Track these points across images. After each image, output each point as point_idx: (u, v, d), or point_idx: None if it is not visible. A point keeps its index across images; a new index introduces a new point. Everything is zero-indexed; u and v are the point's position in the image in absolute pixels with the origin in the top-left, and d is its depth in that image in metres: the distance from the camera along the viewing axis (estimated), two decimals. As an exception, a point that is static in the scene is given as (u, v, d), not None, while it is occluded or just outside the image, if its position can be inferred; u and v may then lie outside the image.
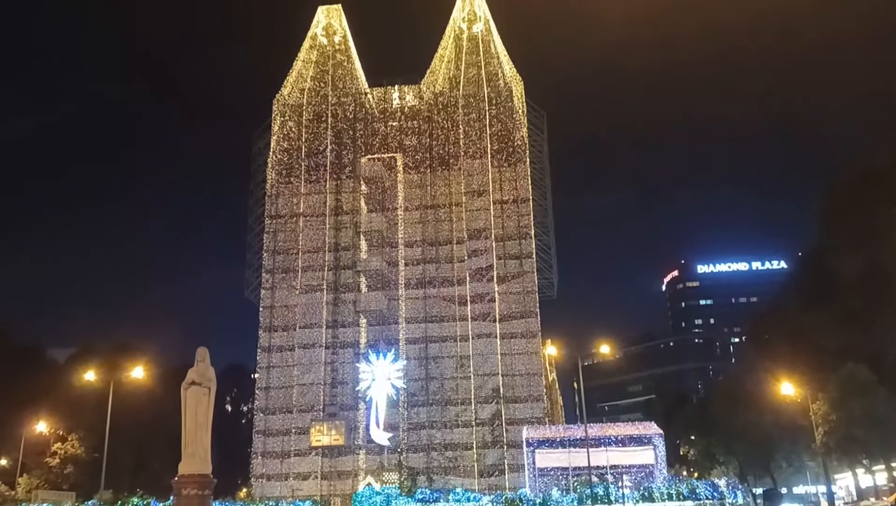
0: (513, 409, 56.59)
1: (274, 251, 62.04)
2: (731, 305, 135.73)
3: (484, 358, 57.92)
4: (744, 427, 51.72)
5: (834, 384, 43.41)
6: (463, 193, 61.58)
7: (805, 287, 49.93)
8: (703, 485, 44.32)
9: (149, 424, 55.73)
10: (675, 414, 71.48)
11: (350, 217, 62.60)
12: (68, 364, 61.74)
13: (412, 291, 60.43)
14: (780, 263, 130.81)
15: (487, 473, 55.16)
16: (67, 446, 56.24)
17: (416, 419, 57.29)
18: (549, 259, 61.70)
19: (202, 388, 29.89)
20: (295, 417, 57.69)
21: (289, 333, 59.90)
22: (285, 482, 55.35)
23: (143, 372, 47.16)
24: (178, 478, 29.01)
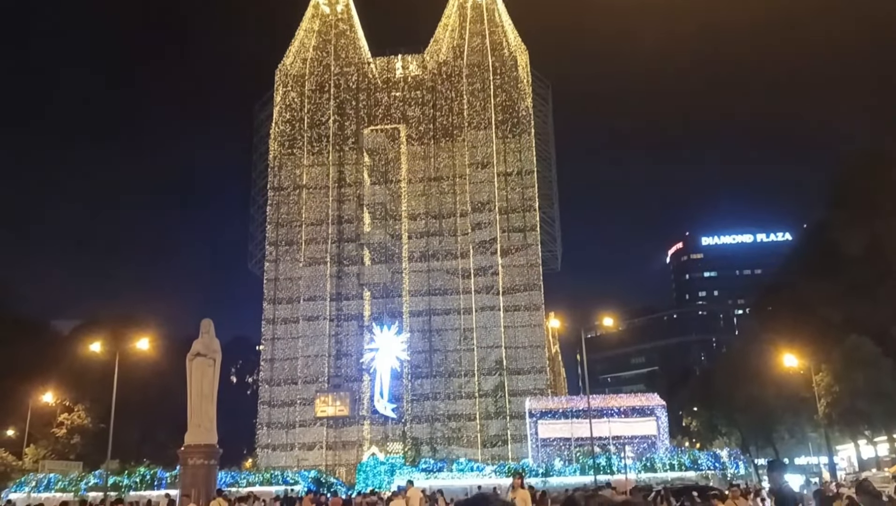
0: (516, 381, 56.84)
1: (277, 224, 61.91)
2: (735, 278, 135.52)
3: (487, 331, 58.04)
4: (746, 399, 51.91)
5: (838, 356, 43.43)
6: (467, 164, 61.16)
7: (810, 260, 49.75)
8: (705, 456, 44.70)
9: (154, 395, 56.18)
10: (678, 386, 71.83)
11: (353, 189, 62.33)
12: (72, 336, 62.09)
13: (416, 265, 60.37)
14: (785, 235, 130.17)
15: (490, 443, 55.58)
16: (74, 416, 56.78)
17: (419, 391, 57.61)
18: (553, 232, 61.50)
19: (207, 359, 30.09)
20: (300, 388, 58.04)
21: (293, 305, 60.01)
22: (290, 452, 55.86)
23: (148, 344, 47.36)
24: (184, 448, 29.31)
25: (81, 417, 56.69)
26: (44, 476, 43.98)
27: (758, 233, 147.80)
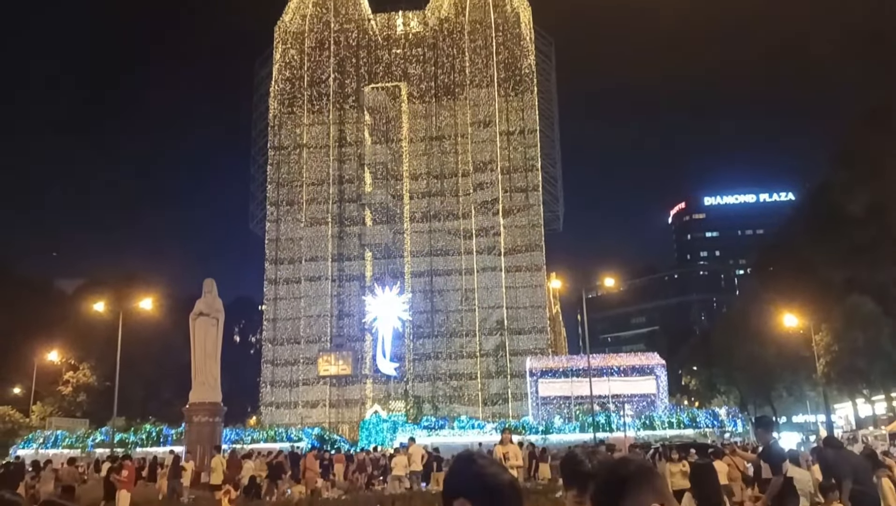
0: (517, 340, 57.20)
1: (278, 183, 61.63)
2: (737, 238, 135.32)
3: (489, 291, 58.18)
4: (746, 358, 52.29)
5: (838, 316, 43.59)
6: (469, 123, 60.55)
7: (812, 220, 49.56)
8: (703, 414, 45.21)
9: (159, 353, 56.66)
10: (678, 345, 72.28)
11: (354, 149, 61.86)
12: (76, 295, 62.37)
13: (417, 225, 60.23)
14: (788, 194, 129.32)
15: (491, 401, 56.20)
16: (79, 374, 57.37)
17: (421, 350, 58.03)
18: (555, 192, 61.23)
19: (210, 318, 30.23)
20: (302, 347, 58.48)
21: (294, 265, 60.10)
22: (294, 410, 56.55)
23: (152, 304, 47.58)
24: (188, 406, 29.63)
25: (87, 375, 57.29)
26: (51, 433, 44.63)
27: (761, 193, 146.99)
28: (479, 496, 2.35)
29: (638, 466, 2.27)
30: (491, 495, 2.36)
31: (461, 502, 2.37)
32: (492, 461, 2.49)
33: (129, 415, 50.43)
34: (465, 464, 2.48)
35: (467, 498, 2.36)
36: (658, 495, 2.18)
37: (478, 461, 2.46)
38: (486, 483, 2.37)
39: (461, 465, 2.49)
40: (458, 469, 2.48)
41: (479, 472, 2.40)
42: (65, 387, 56.80)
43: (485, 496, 2.35)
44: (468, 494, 2.37)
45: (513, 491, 2.40)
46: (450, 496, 2.42)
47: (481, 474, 2.39)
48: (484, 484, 2.37)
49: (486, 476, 2.38)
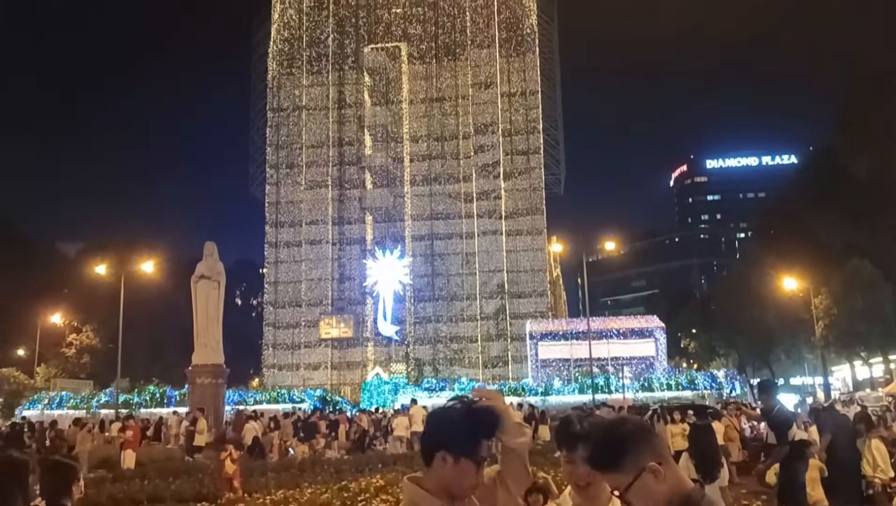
0: (517, 304, 57.43)
1: (277, 146, 61.23)
2: (738, 201, 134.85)
3: (489, 255, 58.21)
4: (746, 321, 52.51)
5: (838, 279, 43.67)
6: (469, 84, 59.86)
7: (814, 184, 49.33)
8: (702, 376, 45.58)
9: (161, 316, 56.94)
10: (678, 309, 72.54)
11: (353, 110, 61.29)
12: (78, 258, 62.44)
13: (418, 188, 59.98)
14: (791, 157, 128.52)
15: (492, 364, 56.66)
16: (82, 337, 57.75)
17: (422, 314, 58.29)
18: (556, 154, 60.81)
19: (211, 281, 30.32)
20: (304, 310, 58.75)
21: (295, 229, 60.05)
22: (296, 372, 57.06)
23: (153, 266, 47.64)
24: (191, 368, 29.89)
25: (90, 337, 57.68)
26: (56, 394, 45.09)
27: (763, 156, 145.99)
28: (460, 446, 2.35)
29: (635, 425, 2.26)
30: (471, 441, 2.36)
31: (442, 454, 2.36)
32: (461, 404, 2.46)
33: (133, 377, 50.92)
34: (437, 417, 2.47)
35: (448, 450, 2.36)
36: (655, 455, 2.18)
37: (450, 412, 2.44)
38: (464, 428, 2.36)
39: (435, 418, 2.48)
40: (433, 423, 2.47)
41: (455, 420, 2.39)
42: (68, 349, 57.23)
43: (466, 444, 2.35)
44: (448, 445, 2.36)
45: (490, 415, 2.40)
46: (429, 454, 2.40)
47: (458, 421, 2.38)
48: (462, 430, 2.36)
49: (462, 422, 2.38)
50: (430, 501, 2.35)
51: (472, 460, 2.35)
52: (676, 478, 2.20)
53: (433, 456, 2.38)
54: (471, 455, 2.36)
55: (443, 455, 2.36)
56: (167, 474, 16.41)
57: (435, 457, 2.38)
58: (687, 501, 2.14)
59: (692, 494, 2.17)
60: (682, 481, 2.22)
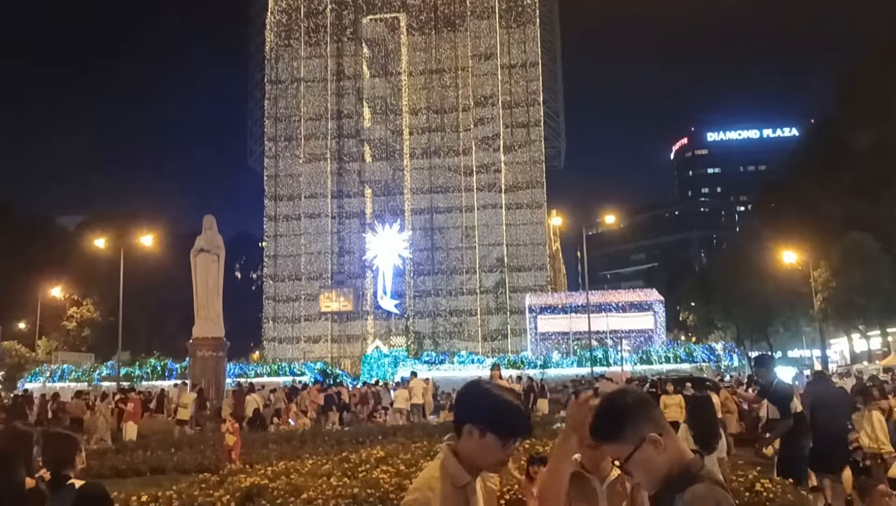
0: (516, 277, 57.53)
1: (275, 118, 60.84)
2: (739, 174, 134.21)
3: (489, 228, 58.16)
4: (744, 294, 52.62)
5: (837, 252, 43.66)
6: (469, 56, 59.30)
7: (814, 157, 49.12)
8: (700, 349, 45.81)
9: (161, 289, 57.03)
10: (677, 282, 72.68)
11: (352, 82, 60.79)
12: (78, 232, 62.33)
13: (417, 161, 59.71)
14: (792, 130, 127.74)
15: (491, 337, 56.91)
16: (83, 310, 57.88)
17: (422, 287, 58.41)
18: (557, 127, 60.48)
19: (211, 255, 30.33)
20: (304, 284, 58.86)
21: (294, 202, 59.90)
22: (297, 345, 57.34)
23: (153, 240, 47.62)
24: (192, 340, 30.02)
25: (91, 310, 57.82)
26: (57, 367, 45.33)
27: (764, 128, 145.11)
28: (488, 420, 2.36)
29: (636, 397, 2.26)
30: (501, 421, 2.37)
31: (469, 427, 2.38)
32: (499, 386, 2.51)
33: (134, 350, 51.15)
34: (473, 390, 2.49)
35: (475, 423, 2.37)
36: (656, 426, 2.18)
37: (485, 387, 2.47)
38: (493, 407, 2.38)
39: (469, 391, 2.51)
40: (467, 395, 2.50)
41: (486, 396, 2.41)
42: (69, 322, 57.40)
43: (493, 420, 2.36)
44: (476, 418, 2.38)
45: (520, 413, 2.41)
46: (459, 422, 2.44)
47: (489, 398, 2.40)
48: (491, 408, 2.38)
49: (493, 400, 2.40)
50: (461, 472, 2.40)
51: (497, 437, 2.37)
52: (676, 448, 2.21)
53: (462, 428, 2.42)
54: (497, 432, 2.37)
55: (470, 428, 2.38)
56: (169, 445, 16.56)
57: (463, 429, 2.41)
58: (686, 471, 2.15)
59: (692, 464, 2.18)
60: (683, 452, 2.23)
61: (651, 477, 2.16)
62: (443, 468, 2.43)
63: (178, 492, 8.35)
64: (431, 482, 2.40)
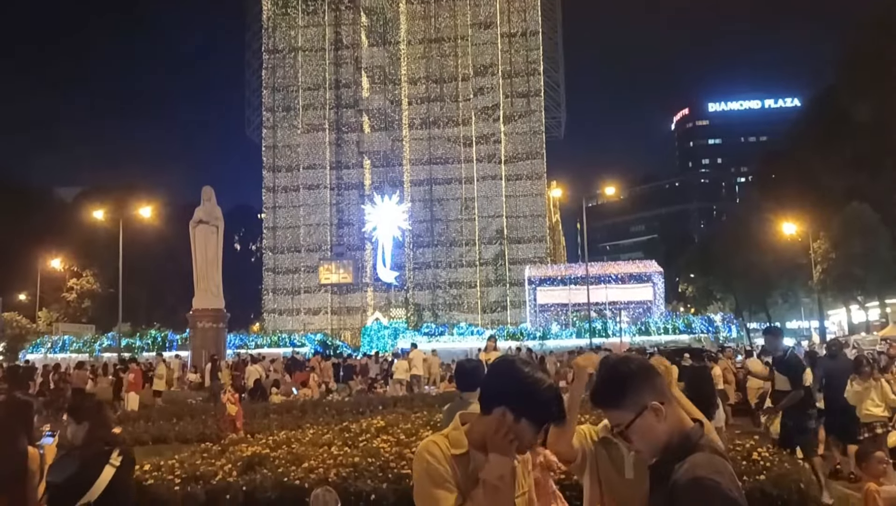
0: (516, 249, 57.55)
1: (273, 88, 60.32)
2: (739, 145, 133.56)
3: (489, 200, 58.03)
4: (744, 265, 52.68)
5: (837, 223, 43.63)
6: (469, 24, 58.62)
7: (816, 128, 48.82)
8: (699, 320, 46.01)
9: (161, 261, 57.11)
10: (676, 253, 72.68)
11: (350, 52, 60.16)
12: (76, 203, 62.21)
13: (416, 132, 59.35)
14: (794, 100, 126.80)
15: (490, 309, 57.11)
16: (83, 281, 57.98)
17: (421, 259, 58.45)
18: (557, 97, 60.01)
19: (210, 226, 30.34)
20: (303, 256, 58.89)
21: (293, 173, 59.67)
22: (296, 317, 57.56)
23: (152, 211, 47.57)
24: (192, 312, 30.17)
25: (90, 282, 57.92)
26: (58, 338, 45.56)
27: (766, 99, 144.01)
28: (523, 406, 2.25)
29: (639, 364, 2.25)
30: (535, 405, 2.26)
31: (502, 410, 2.27)
32: (534, 367, 2.37)
33: (135, 321, 51.35)
34: (505, 370, 2.35)
35: (509, 407, 2.26)
36: (657, 394, 2.18)
37: (521, 368, 2.32)
38: (530, 392, 2.26)
39: (501, 371, 2.37)
40: (500, 375, 2.36)
41: (523, 379, 2.29)
42: (69, 294, 57.54)
43: (529, 406, 2.25)
44: (511, 402, 2.26)
45: (558, 400, 2.30)
46: (489, 404, 2.31)
47: (526, 381, 2.28)
48: (528, 393, 2.26)
49: (530, 384, 2.27)
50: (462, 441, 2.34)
51: (532, 423, 2.27)
52: (677, 417, 2.21)
53: (492, 410, 2.30)
54: (533, 419, 2.27)
55: (503, 411, 2.27)
56: (170, 415, 16.68)
57: (494, 410, 2.29)
58: (686, 440, 2.15)
59: (692, 433, 2.18)
60: (683, 421, 2.23)
61: (651, 445, 2.16)
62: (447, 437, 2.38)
63: (180, 461, 8.42)
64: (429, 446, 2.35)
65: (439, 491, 2.25)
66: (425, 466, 2.29)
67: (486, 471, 2.25)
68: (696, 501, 1.95)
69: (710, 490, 1.94)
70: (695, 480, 1.97)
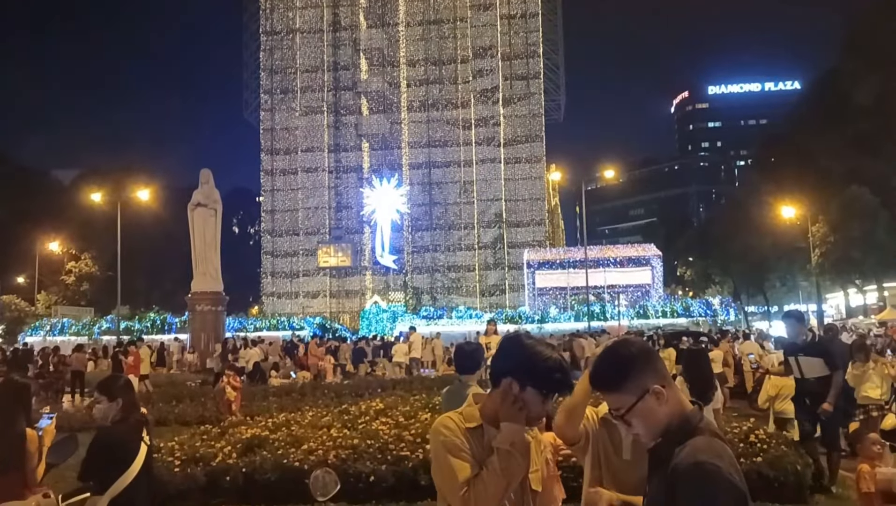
0: (515, 233, 57.52)
1: (271, 70, 59.95)
2: (739, 128, 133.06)
3: (487, 183, 57.90)
4: (742, 249, 52.68)
5: (836, 207, 43.58)
6: (468, 6, 58.19)
7: (816, 111, 48.64)
8: (697, 303, 46.09)
9: (159, 244, 57.01)
10: (675, 237, 72.59)
11: (349, 33, 59.73)
12: (74, 186, 61.95)
13: (415, 115, 59.07)
14: (795, 83, 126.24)
15: (489, 292, 57.19)
16: (81, 264, 57.89)
17: (420, 243, 58.42)
18: (556, 80, 59.69)
19: (208, 209, 30.20)
20: (302, 239, 58.82)
21: (291, 156, 59.46)
22: (295, 300, 57.61)
23: (150, 194, 47.41)
24: (191, 295, 30.13)
25: (89, 265, 57.84)
26: (58, 321, 45.56)
27: (766, 81, 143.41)
28: (527, 375, 2.36)
29: (640, 347, 2.24)
30: (538, 374, 2.37)
31: (508, 380, 2.38)
32: (540, 341, 2.51)
33: (133, 304, 51.35)
34: (513, 343, 2.48)
35: (515, 377, 2.38)
36: (659, 377, 2.16)
37: (526, 341, 2.46)
38: (534, 362, 2.38)
39: (509, 344, 2.50)
40: (507, 348, 2.49)
41: (527, 351, 2.41)
42: (68, 277, 57.49)
43: (533, 375, 2.36)
44: (516, 372, 2.38)
45: (561, 370, 2.40)
46: (498, 375, 2.43)
47: (529, 353, 2.40)
48: (532, 363, 2.38)
49: (534, 355, 2.39)
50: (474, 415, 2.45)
51: (538, 391, 2.37)
52: (677, 400, 2.19)
53: (500, 381, 2.42)
54: (538, 386, 2.37)
55: (510, 381, 2.38)
56: (170, 398, 16.73)
57: (502, 382, 2.41)
58: (686, 423, 2.14)
59: (691, 416, 2.17)
60: (683, 404, 2.21)
61: (651, 429, 2.15)
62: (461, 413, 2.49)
63: (180, 443, 8.45)
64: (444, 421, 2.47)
65: (456, 460, 2.35)
66: (441, 439, 2.40)
67: (499, 439, 2.35)
68: (697, 485, 1.94)
69: (711, 474, 1.93)
70: (696, 464, 1.96)
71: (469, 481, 2.31)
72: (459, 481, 2.31)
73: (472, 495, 2.29)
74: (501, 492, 2.32)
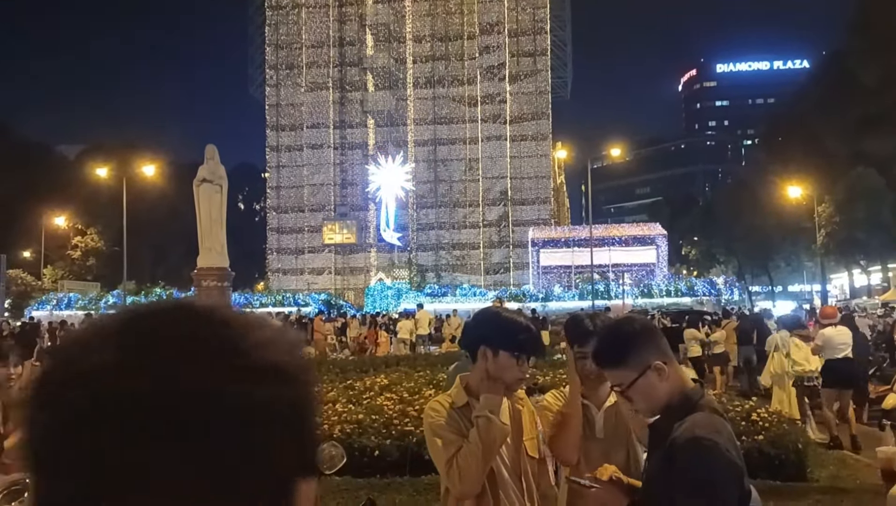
0: (520, 211, 57.42)
1: (276, 46, 59.55)
2: (747, 107, 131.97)
3: (493, 161, 57.69)
4: (747, 228, 52.58)
5: (841, 187, 43.44)
6: (476, -20, 57.54)
7: (824, 90, 48.24)
8: (701, 283, 46.08)
9: (164, 219, 57.09)
10: (680, 216, 72.44)
11: (355, 8, 59.20)
12: (78, 160, 61.96)
13: (421, 91, 58.71)
14: (803, 62, 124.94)
15: (493, 270, 57.23)
16: (87, 239, 58.07)
17: (425, 220, 58.38)
18: (563, 57, 59.15)
19: (214, 185, 30.15)
20: (307, 215, 58.85)
21: (296, 132, 59.29)
22: (301, 277, 57.78)
23: (155, 169, 47.35)
24: (197, 271, 30.18)
25: (95, 239, 58.02)
26: (64, 295, 45.80)
27: (775, 60, 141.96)
28: (496, 340, 2.47)
29: (642, 324, 2.28)
30: (507, 337, 2.47)
31: (483, 349, 2.49)
32: (508, 309, 2.69)
33: (139, 280, 51.58)
34: (484, 314, 2.64)
35: (486, 344, 2.48)
36: (661, 354, 2.20)
37: (494, 310, 2.65)
38: (500, 326, 2.50)
39: (481, 316, 2.65)
40: (476, 320, 2.65)
41: (494, 319, 2.56)
42: (74, 251, 57.70)
43: (504, 340, 2.47)
44: (486, 340, 2.49)
45: (528, 331, 2.51)
46: (473, 346, 2.54)
47: (497, 320, 2.54)
48: (498, 327, 2.50)
49: (500, 321, 2.53)
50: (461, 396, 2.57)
51: (510, 354, 2.48)
52: (678, 377, 2.24)
53: (475, 352, 2.54)
54: (509, 349, 2.48)
55: (483, 350, 2.50)
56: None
57: (478, 353, 2.52)
58: (686, 400, 2.18)
59: (692, 393, 2.22)
60: (684, 381, 2.26)
61: (652, 405, 2.20)
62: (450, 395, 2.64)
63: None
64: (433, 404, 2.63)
65: (441, 439, 2.48)
66: (429, 421, 2.55)
67: (479, 408, 2.46)
68: (693, 459, 1.99)
69: (708, 449, 1.98)
70: (693, 439, 2.01)
71: (453, 456, 2.42)
72: (445, 459, 2.43)
73: (457, 468, 2.40)
74: (483, 461, 2.41)
